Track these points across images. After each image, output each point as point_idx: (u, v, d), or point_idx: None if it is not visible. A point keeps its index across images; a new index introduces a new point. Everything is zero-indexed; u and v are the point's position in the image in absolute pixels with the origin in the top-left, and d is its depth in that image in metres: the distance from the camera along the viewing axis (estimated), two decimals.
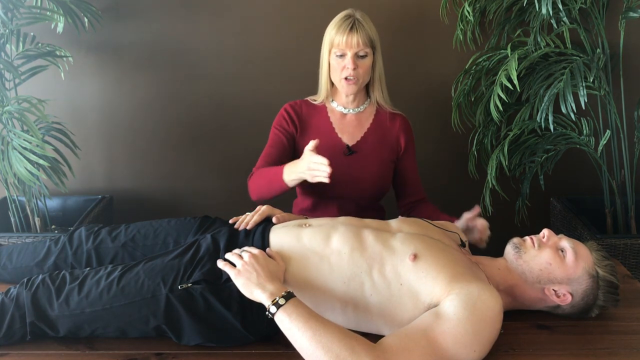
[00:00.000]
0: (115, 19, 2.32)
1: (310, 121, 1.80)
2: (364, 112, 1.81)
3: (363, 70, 1.69)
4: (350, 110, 1.80)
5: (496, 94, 2.01)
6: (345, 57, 1.68)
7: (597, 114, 2.21)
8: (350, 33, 1.66)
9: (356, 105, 1.80)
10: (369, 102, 1.82)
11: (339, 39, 1.67)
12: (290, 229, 1.36)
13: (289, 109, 1.82)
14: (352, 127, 1.80)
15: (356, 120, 1.81)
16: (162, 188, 2.51)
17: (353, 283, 1.23)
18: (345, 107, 1.80)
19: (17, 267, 1.47)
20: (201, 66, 2.37)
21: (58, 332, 1.24)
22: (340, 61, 1.70)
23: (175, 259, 1.29)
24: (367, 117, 1.82)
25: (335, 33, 1.69)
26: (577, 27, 2.10)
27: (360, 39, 1.66)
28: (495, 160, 2.11)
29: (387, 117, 1.81)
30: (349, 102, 1.79)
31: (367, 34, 1.67)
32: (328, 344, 1.06)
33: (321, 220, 1.40)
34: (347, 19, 1.69)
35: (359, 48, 1.66)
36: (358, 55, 1.68)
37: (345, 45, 1.67)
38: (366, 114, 1.82)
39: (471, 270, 1.24)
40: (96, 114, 2.43)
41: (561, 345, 1.24)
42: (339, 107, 1.80)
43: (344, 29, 1.67)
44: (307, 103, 1.83)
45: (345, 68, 1.68)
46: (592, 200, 2.33)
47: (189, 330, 1.22)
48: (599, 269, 1.28)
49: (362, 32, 1.66)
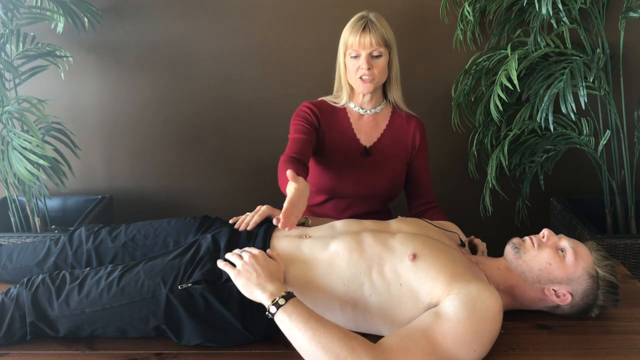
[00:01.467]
0: (115, 19, 2.32)
1: (331, 121, 1.79)
2: (381, 113, 1.81)
3: (378, 70, 1.69)
4: (368, 111, 1.79)
5: (496, 94, 2.01)
6: (360, 58, 1.68)
7: (597, 114, 2.21)
8: (363, 33, 1.66)
9: (373, 106, 1.80)
10: (385, 103, 1.83)
11: (352, 39, 1.68)
12: (290, 240, 1.35)
13: (311, 106, 1.79)
14: (369, 128, 1.80)
15: (373, 121, 1.81)
16: (162, 188, 2.51)
17: (352, 284, 1.23)
18: (362, 108, 1.80)
19: (17, 267, 1.47)
20: (201, 66, 2.37)
21: (58, 332, 1.24)
22: (355, 62, 1.70)
23: (176, 259, 1.30)
24: (384, 118, 1.82)
25: (349, 34, 1.70)
26: (577, 27, 2.10)
27: (373, 39, 1.66)
28: (495, 160, 2.11)
29: (403, 118, 1.81)
30: (365, 103, 1.79)
31: (380, 33, 1.67)
32: (328, 344, 1.06)
33: (321, 231, 1.39)
34: (360, 19, 1.69)
35: (372, 48, 1.67)
36: (372, 55, 1.68)
37: (359, 45, 1.67)
38: (382, 115, 1.82)
39: (471, 270, 1.24)
40: (96, 114, 2.43)
41: (561, 345, 1.24)
42: (356, 108, 1.80)
43: (357, 29, 1.67)
44: (326, 103, 1.82)
45: (360, 68, 1.68)
46: (592, 200, 2.33)
47: (189, 330, 1.22)
48: (598, 269, 1.28)
49: (375, 32, 1.66)
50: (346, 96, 1.79)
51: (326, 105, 1.81)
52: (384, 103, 1.82)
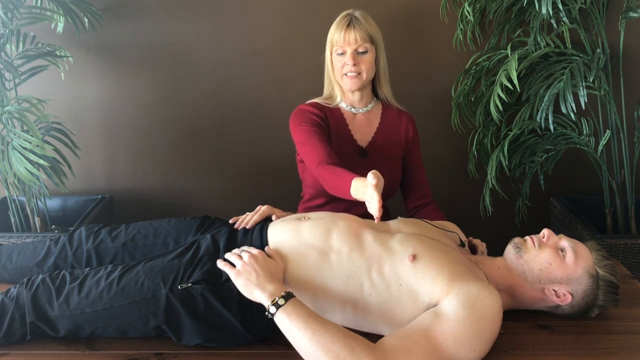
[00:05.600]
0: (115, 19, 2.32)
1: (332, 122, 1.79)
2: (372, 111, 1.82)
3: (365, 66, 1.70)
4: (360, 109, 1.80)
5: (496, 94, 2.01)
6: (345, 55, 1.69)
7: (597, 114, 2.21)
8: (348, 30, 1.67)
9: (364, 105, 1.80)
10: (376, 101, 1.83)
11: (337, 36, 1.69)
12: (288, 222, 1.35)
13: (311, 108, 1.76)
14: (363, 127, 1.80)
15: (366, 120, 1.81)
16: (162, 188, 2.51)
17: (352, 282, 1.23)
18: (353, 107, 1.80)
19: (17, 267, 1.47)
20: (201, 66, 2.37)
21: (58, 332, 1.24)
22: (341, 59, 1.71)
23: (175, 259, 1.30)
24: (375, 116, 1.82)
25: (334, 32, 1.71)
26: (577, 27, 2.10)
27: (358, 35, 1.67)
28: (495, 160, 2.11)
29: (394, 114, 1.82)
30: (356, 102, 1.79)
31: (365, 29, 1.68)
32: (328, 344, 1.06)
33: (321, 213, 1.40)
34: (345, 17, 1.71)
35: (357, 44, 1.67)
36: (358, 52, 1.69)
37: (344, 42, 1.68)
38: (374, 113, 1.82)
39: (470, 270, 1.24)
40: (96, 114, 2.43)
41: (561, 345, 1.24)
42: (348, 107, 1.80)
43: (341, 26, 1.69)
44: (320, 105, 1.80)
45: (346, 65, 1.69)
46: (592, 200, 2.33)
47: (189, 330, 1.22)
48: (599, 268, 1.28)
49: (359, 28, 1.67)
50: (339, 96, 1.78)
51: (321, 107, 1.80)
52: (375, 101, 1.83)
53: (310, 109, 1.76)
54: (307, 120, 1.72)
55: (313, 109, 1.76)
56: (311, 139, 1.66)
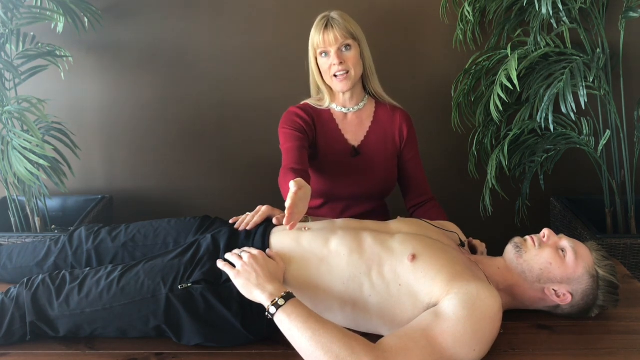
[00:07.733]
0: (115, 19, 2.32)
1: (319, 124, 1.79)
2: (364, 109, 1.82)
3: (351, 63, 1.70)
4: (351, 109, 1.80)
5: (496, 94, 2.01)
6: (330, 55, 1.70)
7: (597, 114, 2.21)
8: (326, 31, 1.69)
9: (356, 103, 1.80)
10: (368, 98, 1.83)
11: (317, 39, 1.71)
12: (289, 232, 1.35)
13: (299, 111, 1.77)
14: (354, 127, 1.80)
15: (357, 119, 1.81)
16: (162, 188, 2.51)
17: (352, 284, 1.23)
18: (345, 107, 1.80)
19: (17, 267, 1.47)
20: (201, 66, 2.37)
21: (58, 332, 1.24)
22: (326, 60, 1.72)
23: (175, 259, 1.30)
24: (368, 114, 1.82)
25: (313, 35, 1.73)
26: (577, 27, 2.10)
27: (338, 33, 1.68)
28: (495, 160, 2.11)
29: (387, 111, 1.82)
30: (347, 101, 1.79)
31: (343, 27, 1.69)
32: (327, 344, 1.06)
33: (320, 224, 1.40)
34: (322, 19, 1.72)
35: (338, 43, 1.69)
36: (341, 50, 1.70)
37: (324, 43, 1.69)
38: (366, 111, 1.82)
39: (470, 270, 1.24)
40: (96, 114, 2.43)
41: (561, 345, 1.24)
42: (338, 108, 1.80)
43: (319, 29, 1.70)
44: (311, 107, 1.81)
45: (332, 65, 1.70)
46: (592, 200, 2.33)
47: (189, 330, 1.22)
48: (599, 269, 1.28)
49: (337, 27, 1.68)
50: (328, 98, 1.79)
51: (312, 109, 1.81)
52: (366, 98, 1.83)
53: (298, 111, 1.77)
54: (290, 124, 1.74)
55: (301, 112, 1.77)
56: (287, 143, 1.68)
